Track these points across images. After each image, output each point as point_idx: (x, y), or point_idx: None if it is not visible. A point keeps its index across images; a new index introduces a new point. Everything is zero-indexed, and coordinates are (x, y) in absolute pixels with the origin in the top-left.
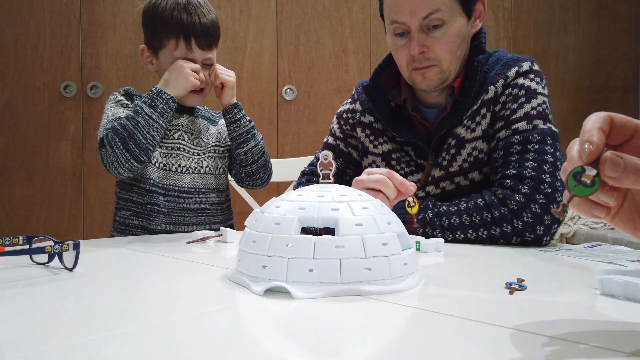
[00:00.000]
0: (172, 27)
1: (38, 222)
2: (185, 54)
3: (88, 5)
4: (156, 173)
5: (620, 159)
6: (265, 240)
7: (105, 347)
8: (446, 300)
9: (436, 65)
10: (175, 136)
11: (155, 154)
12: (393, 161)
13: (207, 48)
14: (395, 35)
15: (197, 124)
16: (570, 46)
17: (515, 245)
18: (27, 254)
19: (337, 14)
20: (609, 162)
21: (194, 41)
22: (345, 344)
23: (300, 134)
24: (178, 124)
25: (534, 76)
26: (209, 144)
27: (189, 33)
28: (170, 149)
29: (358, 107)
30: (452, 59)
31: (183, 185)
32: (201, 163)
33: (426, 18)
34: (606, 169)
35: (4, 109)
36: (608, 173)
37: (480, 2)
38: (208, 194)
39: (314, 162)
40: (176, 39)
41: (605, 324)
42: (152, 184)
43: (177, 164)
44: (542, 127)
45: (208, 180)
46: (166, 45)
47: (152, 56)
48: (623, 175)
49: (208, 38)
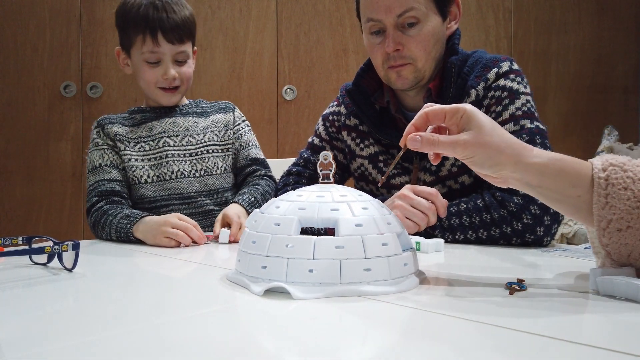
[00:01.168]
0: (139, 23)
1: (38, 222)
2: (152, 48)
3: (88, 5)
4: (151, 189)
5: (418, 137)
6: (265, 241)
7: (105, 347)
8: (446, 301)
9: (411, 64)
10: (160, 144)
11: (145, 169)
12: (380, 163)
13: (178, 42)
14: (371, 34)
15: (181, 124)
16: (571, 46)
17: (516, 245)
18: (27, 254)
19: (337, 13)
20: (409, 139)
21: (161, 35)
22: (345, 344)
23: (301, 134)
24: (160, 132)
25: (515, 76)
26: (200, 141)
27: (156, 28)
28: (159, 158)
29: (343, 110)
30: (427, 58)
31: (182, 191)
32: (195, 166)
33: (401, 16)
34: (408, 144)
35: (4, 109)
36: (409, 146)
37: (455, 4)
38: (211, 195)
39: (299, 163)
40: (143, 34)
41: (605, 324)
42: (150, 201)
43: (169, 171)
44: (529, 127)
45: (208, 182)
46: (135, 42)
47: (127, 57)
48: (421, 146)
49: (178, 32)
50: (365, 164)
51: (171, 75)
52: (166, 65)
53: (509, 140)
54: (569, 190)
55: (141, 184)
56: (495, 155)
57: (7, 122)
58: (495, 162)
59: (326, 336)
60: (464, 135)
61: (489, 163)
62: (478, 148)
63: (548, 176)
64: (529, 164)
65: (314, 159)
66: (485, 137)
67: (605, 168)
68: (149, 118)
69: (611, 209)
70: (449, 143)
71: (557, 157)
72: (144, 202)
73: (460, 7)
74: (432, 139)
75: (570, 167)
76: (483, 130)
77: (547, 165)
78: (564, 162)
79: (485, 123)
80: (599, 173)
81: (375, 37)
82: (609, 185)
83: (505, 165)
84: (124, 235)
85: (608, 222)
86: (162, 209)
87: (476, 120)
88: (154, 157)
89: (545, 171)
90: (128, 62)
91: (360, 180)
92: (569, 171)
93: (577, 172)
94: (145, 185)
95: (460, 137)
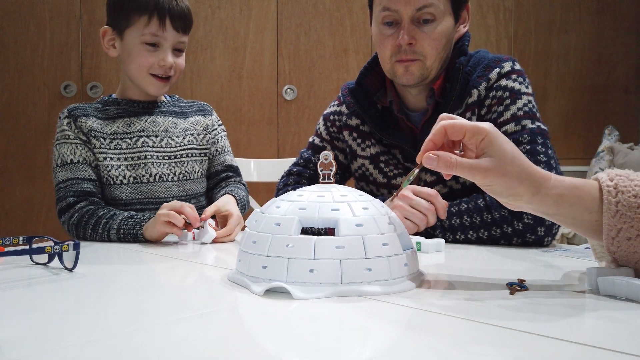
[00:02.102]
0: (146, 4)
1: (38, 222)
2: (157, 31)
3: (88, 5)
4: (126, 191)
5: (435, 156)
6: (265, 241)
7: (105, 347)
8: (447, 301)
9: (420, 60)
10: (139, 143)
11: (122, 169)
12: (382, 163)
13: (182, 31)
14: (383, 24)
15: (160, 124)
16: (571, 46)
17: (517, 245)
18: (27, 254)
19: (337, 13)
20: (425, 158)
21: (169, 21)
22: (345, 344)
23: (301, 134)
24: (139, 130)
25: (517, 76)
26: (180, 144)
27: (165, 12)
28: (137, 159)
29: (344, 109)
30: (437, 57)
31: (159, 195)
32: (174, 170)
33: (420, 10)
34: (424, 162)
35: (4, 109)
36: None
37: (466, 9)
38: (188, 200)
39: (300, 163)
40: (149, 15)
41: (606, 324)
42: (125, 203)
43: (147, 173)
44: (530, 127)
45: (186, 187)
46: (135, 22)
47: (115, 38)
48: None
49: (184, 21)
50: (367, 164)
51: (169, 62)
52: (165, 51)
53: (528, 169)
54: (586, 216)
55: (116, 185)
56: (515, 186)
57: (7, 122)
58: (513, 192)
59: (326, 336)
60: (484, 162)
61: (506, 193)
62: (498, 178)
63: (565, 205)
64: (546, 195)
65: (314, 159)
66: (507, 166)
67: (612, 178)
68: (125, 112)
69: (621, 218)
70: (468, 168)
71: (574, 185)
72: (118, 204)
73: (469, 13)
74: (450, 161)
75: (587, 194)
76: (504, 158)
77: (563, 195)
78: (580, 189)
79: (507, 150)
80: (607, 182)
81: (387, 27)
82: (619, 193)
83: (523, 197)
84: (130, 236)
85: (618, 231)
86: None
87: (498, 146)
88: (132, 157)
89: (562, 201)
90: (115, 43)
91: (360, 181)
92: (585, 198)
93: (593, 198)
94: (121, 187)
95: (481, 163)
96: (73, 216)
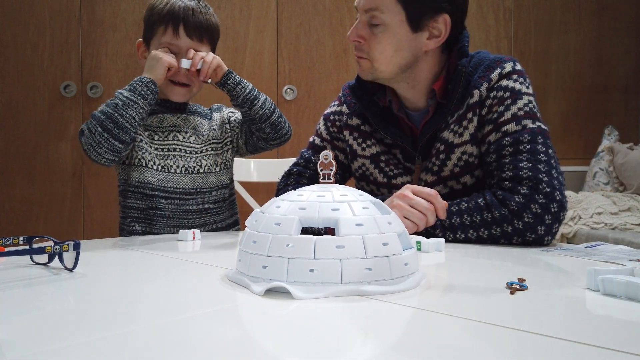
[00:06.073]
0: (164, 15)
1: (38, 222)
2: (172, 38)
3: (88, 5)
4: (155, 176)
5: None
6: (265, 241)
7: (105, 347)
8: (447, 301)
9: (368, 60)
10: (170, 137)
11: (152, 157)
12: (382, 163)
13: (197, 39)
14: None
15: (191, 121)
16: (571, 46)
17: (517, 244)
18: (27, 254)
19: (337, 13)
20: None
21: (182, 27)
22: (346, 344)
23: (301, 134)
24: (170, 125)
25: (517, 76)
26: (206, 140)
27: (179, 19)
28: (167, 150)
29: (345, 109)
30: (387, 63)
31: (184, 186)
32: (200, 162)
33: (367, 12)
34: None
35: (4, 109)
36: None
37: (443, 22)
38: (209, 192)
39: (300, 162)
40: (165, 25)
41: (606, 324)
42: (152, 188)
43: (175, 165)
44: (531, 127)
45: (208, 179)
46: (156, 32)
47: (146, 50)
48: None
49: (199, 29)
50: (367, 164)
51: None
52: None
53: None
54: None
55: (147, 168)
56: None
57: (7, 122)
58: None
59: (326, 336)
60: None
61: None
62: None
63: None
64: None
65: (314, 159)
66: None
67: None
68: (159, 111)
69: None
70: None
71: None
72: (146, 187)
73: (448, 27)
74: None
75: None
76: None
77: None
78: None
79: None
80: None
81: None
82: None
83: None
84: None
85: None
86: (161, 201)
87: None
88: (162, 147)
89: None
90: (146, 54)
91: (361, 180)
92: None
93: None
94: (150, 171)
95: None
96: (92, 118)
